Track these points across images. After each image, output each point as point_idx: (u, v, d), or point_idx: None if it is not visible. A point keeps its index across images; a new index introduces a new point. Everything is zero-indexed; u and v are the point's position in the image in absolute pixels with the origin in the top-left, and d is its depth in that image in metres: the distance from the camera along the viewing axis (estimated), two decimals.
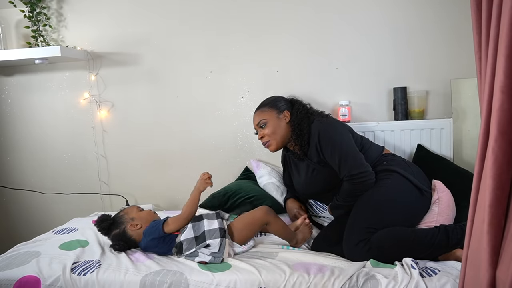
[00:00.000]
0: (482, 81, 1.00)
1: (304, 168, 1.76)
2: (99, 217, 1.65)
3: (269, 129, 1.76)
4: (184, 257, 1.52)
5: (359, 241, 1.46)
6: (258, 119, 1.80)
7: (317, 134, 1.66)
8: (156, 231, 1.54)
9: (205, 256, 1.48)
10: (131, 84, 2.39)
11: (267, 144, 1.79)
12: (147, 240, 1.56)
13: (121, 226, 1.61)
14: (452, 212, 1.63)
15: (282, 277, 1.33)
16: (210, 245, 1.49)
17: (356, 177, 1.59)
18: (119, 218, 1.64)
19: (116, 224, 1.62)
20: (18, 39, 2.41)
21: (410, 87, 2.15)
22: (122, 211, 1.67)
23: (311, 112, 1.79)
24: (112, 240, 1.62)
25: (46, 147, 2.51)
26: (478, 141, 0.97)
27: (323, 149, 1.65)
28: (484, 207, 0.93)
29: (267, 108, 1.79)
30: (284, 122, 1.77)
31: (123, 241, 1.60)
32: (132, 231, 1.60)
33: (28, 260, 1.52)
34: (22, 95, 2.49)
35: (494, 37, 0.90)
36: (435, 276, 1.28)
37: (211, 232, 1.51)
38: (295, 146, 1.76)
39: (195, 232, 1.53)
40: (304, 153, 1.73)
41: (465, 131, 2.08)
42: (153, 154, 2.43)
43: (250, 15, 2.25)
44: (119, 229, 1.61)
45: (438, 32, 2.12)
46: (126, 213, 1.65)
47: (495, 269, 0.91)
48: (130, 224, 1.60)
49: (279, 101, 1.82)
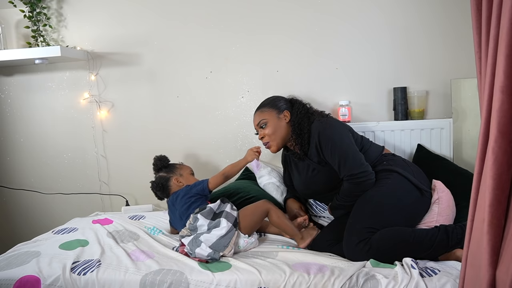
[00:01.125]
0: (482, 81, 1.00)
1: (305, 168, 1.77)
2: (159, 155, 1.92)
3: (269, 129, 1.76)
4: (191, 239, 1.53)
5: (359, 241, 1.46)
6: (258, 119, 1.80)
7: (317, 133, 1.67)
8: (203, 188, 1.76)
9: (206, 248, 1.48)
10: (131, 84, 2.40)
11: (267, 146, 1.80)
12: (192, 191, 1.75)
13: (170, 174, 1.86)
14: (452, 212, 1.63)
15: (282, 277, 1.33)
16: (219, 225, 1.53)
17: (355, 177, 1.59)
18: (172, 167, 1.89)
19: (167, 169, 1.87)
20: (18, 39, 2.41)
21: (410, 87, 2.15)
22: (179, 164, 1.93)
23: (311, 112, 1.80)
24: (155, 179, 1.88)
25: (46, 147, 2.51)
26: (478, 141, 0.97)
27: (323, 149, 1.65)
28: (484, 207, 0.93)
29: (267, 108, 1.80)
30: (284, 122, 1.77)
31: (161, 184, 1.84)
32: (173, 184, 1.83)
33: (28, 259, 1.52)
34: (22, 95, 2.49)
35: (494, 37, 0.90)
36: (435, 276, 1.28)
37: (229, 216, 1.59)
38: (295, 146, 1.76)
39: (217, 209, 1.64)
40: (304, 153, 1.74)
41: (465, 131, 2.08)
42: (153, 154, 2.41)
43: (250, 16, 2.25)
44: (166, 174, 1.85)
45: (438, 32, 2.12)
46: (180, 168, 1.89)
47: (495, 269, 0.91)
48: (175, 177, 1.84)
49: (279, 101, 1.82)
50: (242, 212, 1.66)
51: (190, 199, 1.73)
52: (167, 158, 1.94)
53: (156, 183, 1.86)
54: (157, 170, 1.90)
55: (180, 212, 1.74)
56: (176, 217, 1.78)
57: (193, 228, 1.58)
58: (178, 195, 1.78)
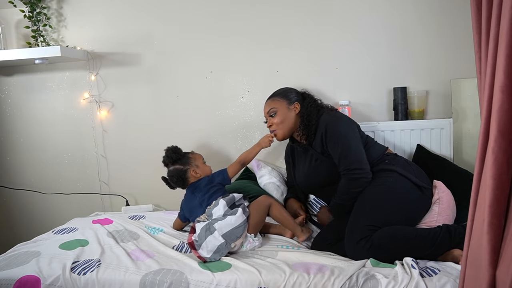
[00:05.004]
0: (482, 81, 1.00)
1: (308, 158, 1.81)
2: (171, 146, 1.88)
3: (278, 118, 1.82)
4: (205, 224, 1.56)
5: (360, 238, 1.46)
6: (268, 107, 1.86)
7: (325, 125, 1.71)
8: (224, 178, 1.81)
9: (219, 237, 1.49)
10: (131, 84, 2.39)
11: (274, 133, 1.85)
12: (215, 181, 1.78)
13: (186, 166, 1.83)
14: (452, 212, 1.63)
15: (282, 277, 1.33)
16: (236, 213, 1.56)
17: (352, 172, 1.63)
18: (187, 159, 1.85)
19: (182, 161, 1.84)
20: (18, 39, 2.41)
21: (410, 87, 2.15)
22: (191, 154, 1.89)
23: (321, 106, 1.86)
24: (170, 171, 1.84)
25: (46, 147, 2.51)
26: (478, 141, 0.97)
27: (328, 140, 1.69)
28: (484, 207, 0.93)
29: (279, 98, 1.85)
30: (293, 113, 1.82)
31: (180, 177, 1.81)
32: (191, 175, 1.82)
33: (28, 259, 1.52)
34: (22, 95, 2.49)
35: (494, 36, 0.90)
36: (435, 276, 1.28)
37: (245, 210, 1.62)
38: (302, 136, 1.81)
39: (238, 200, 1.69)
40: (310, 143, 1.78)
41: (465, 131, 2.08)
42: (153, 154, 2.41)
43: (251, 15, 2.25)
44: (183, 167, 1.82)
45: (438, 31, 2.12)
46: (194, 158, 1.87)
47: (495, 269, 0.91)
48: (193, 169, 1.82)
49: (291, 92, 1.88)
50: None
51: (213, 188, 1.77)
52: (180, 149, 1.90)
53: (173, 176, 1.83)
54: (172, 162, 1.86)
55: (201, 199, 1.75)
56: (194, 205, 1.78)
57: (210, 214, 1.61)
58: (199, 184, 1.80)
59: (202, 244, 1.51)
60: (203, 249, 1.50)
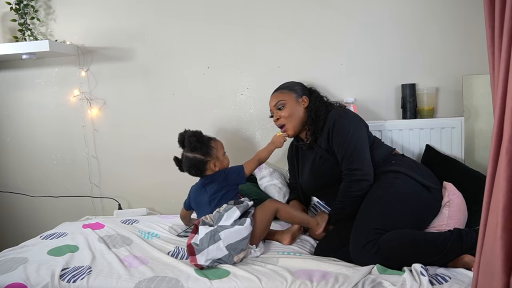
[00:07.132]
0: (495, 77, 1.00)
1: (312, 157, 1.83)
2: (193, 131, 1.80)
3: (286, 111, 1.83)
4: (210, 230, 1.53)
5: (366, 242, 1.46)
6: (275, 100, 1.86)
7: (333, 121, 1.73)
8: (240, 178, 1.79)
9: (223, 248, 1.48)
10: (124, 80, 2.40)
11: (284, 129, 1.85)
12: (230, 180, 1.77)
13: (207, 157, 1.77)
14: (463, 216, 1.63)
15: (283, 285, 1.33)
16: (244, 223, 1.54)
17: (353, 173, 1.65)
18: (209, 149, 1.78)
19: (203, 151, 1.76)
20: (4, 33, 2.41)
21: (419, 84, 2.15)
22: (213, 142, 1.81)
23: (329, 102, 1.88)
24: (189, 160, 1.76)
25: (34, 147, 2.52)
26: (491, 141, 0.97)
27: (334, 136, 1.71)
28: (497, 211, 0.92)
29: (287, 91, 1.87)
30: (302, 106, 1.85)
31: (198, 168, 1.76)
32: (210, 168, 1.77)
33: (15, 266, 1.52)
34: (9, 92, 2.49)
35: (508, 30, 0.90)
36: (446, 283, 1.28)
37: (252, 220, 1.61)
38: (308, 131, 1.83)
39: (250, 208, 1.66)
40: (315, 139, 1.80)
41: (477, 130, 2.08)
42: (147, 154, 2.43)
43: (250, 8, 2.25)
44: (204, 158, 1.76)
45: (449, 25, 2.12)
46: (216, 149, 1.80)
47: (509, 277, 0.91)
48: (213, 162, 1.77)
49: (299, 86, 1.90)
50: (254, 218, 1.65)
51: (226, 187, 1.75)
52: (203, 135, 1.81)
53: (191, 166, 1.77)
54: (191, 148, 1.76)
55: (211, 197, 1.74)
56: (202, 200, 1.77)
57: (218, 218, 1.58)
58: (214, 179, 1.78)
59: (203, 251, 1.50)
60: (203, 255, 1.49)
